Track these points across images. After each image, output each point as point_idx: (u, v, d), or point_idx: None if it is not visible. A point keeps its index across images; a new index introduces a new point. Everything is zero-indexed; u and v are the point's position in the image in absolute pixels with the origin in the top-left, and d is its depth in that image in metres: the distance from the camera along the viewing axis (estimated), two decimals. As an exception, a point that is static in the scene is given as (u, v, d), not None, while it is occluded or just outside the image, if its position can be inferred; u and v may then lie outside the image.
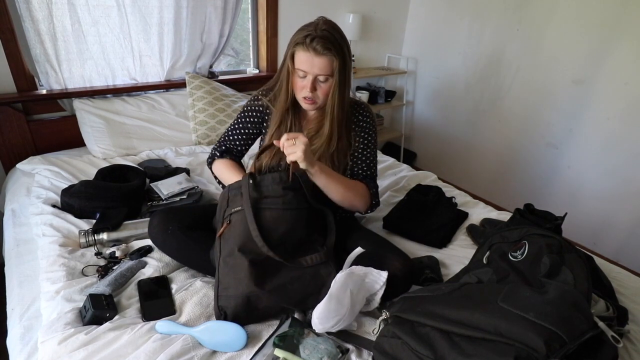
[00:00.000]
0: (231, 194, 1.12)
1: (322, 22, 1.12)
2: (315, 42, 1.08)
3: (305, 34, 1.10)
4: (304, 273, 1.05)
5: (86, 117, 1.86)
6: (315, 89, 1.15)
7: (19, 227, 1.40)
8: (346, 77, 1.17)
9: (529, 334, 0.70)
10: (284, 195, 1.08)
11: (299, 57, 1.13)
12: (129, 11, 1.91)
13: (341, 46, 1.12)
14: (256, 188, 1.08)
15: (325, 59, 1.10)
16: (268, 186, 1.09)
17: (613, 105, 2.12)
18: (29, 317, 1.04)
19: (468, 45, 2.74)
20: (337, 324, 0.94)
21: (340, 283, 0.94)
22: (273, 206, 1.07)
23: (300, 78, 1.16)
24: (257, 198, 1.07)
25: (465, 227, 1.54)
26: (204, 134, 2.07)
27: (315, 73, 1.12)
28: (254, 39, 2.52)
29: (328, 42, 1.09)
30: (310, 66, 1.11)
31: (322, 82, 1.15)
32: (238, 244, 1.05)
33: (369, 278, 0.99)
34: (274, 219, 1.06)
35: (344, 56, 1.13)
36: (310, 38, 1.09)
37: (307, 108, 1.23)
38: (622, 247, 2.25)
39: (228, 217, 1.09)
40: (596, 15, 2.09)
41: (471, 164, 2.95)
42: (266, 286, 1.01)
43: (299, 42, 1.11)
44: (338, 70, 1.12)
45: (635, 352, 1.00)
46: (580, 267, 0.95)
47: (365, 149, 1.29)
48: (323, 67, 1.11)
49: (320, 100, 1.18)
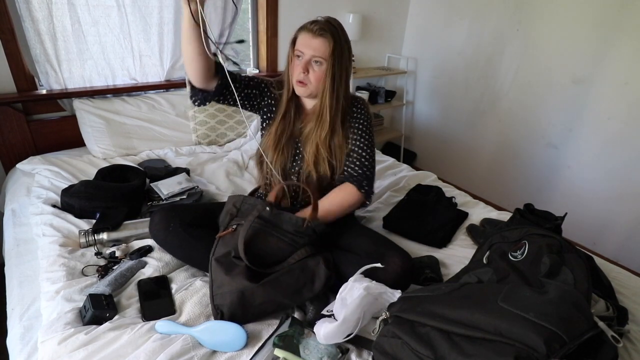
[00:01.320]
0: (243, 207, 1.16)
1: (326, 16, 1.21)
2: (315, 24, 1.16)
3: (309, 21, 1.18)
4: (292, 267, 1.09)
5: (86, 117, 1.86)
6: (307, 71, 1.19)
7: (19, 227, 1.40)
8: (341, 67, 1.21)
9: (529, 334, 0.70)
10: (295, 234, 1.13)
11: (299, 40, 1.20)
12: (129, 11, 1.91)
13: (339, 35, 1.19)
14: (273, 217, 1.13)
15: (321, 40, 1.16)
16: (283, 222, 1.13)
17: (613, 105, 2.12)
18: (29, 317, 1.04)
19: (468, 45, 2.74)
20: (341, 339, 0.93)
21: (355, 306, 0.92)
22: (281, 236, 1.13)
23: (297, 60, 1.21)
24: (272, 224, 1.12)
25: (465, 227, 1.54)
26: (204, 134, 2.07)
27: (311, 54, 1.17)
28: (254, 39, 2.52)
29: (327, 26, 1.17)
30: (307, 46, 1.17)
31: (316, 65, 1.19)
32: (235, 252, 1.08)
33: (382, 297, 0.97)
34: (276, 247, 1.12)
35: (341, 45, 1.19)
36: (312, 22, 1.18)
37: (299, 93, 1.25)
38: (622, 247, 2.25)
39: (235, 225, 1.12)
40: (596, 15, 2.09)
41: (471, 163, 2.95)
42: (259, 280, 1.04)
43: (302, 27, 1.20)
44: (332, 55, 1.17)
45: (635, 352, 1.00)
46: (580, 267, 0.95)
47: (361, 146, 1.29)
48: (318, 48, 1.16)
49: (312, 86, 1.21)
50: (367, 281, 0.98)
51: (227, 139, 2.14)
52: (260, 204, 1.13)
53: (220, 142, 2.13)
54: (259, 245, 1.11)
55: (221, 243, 1.12)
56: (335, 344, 0.93)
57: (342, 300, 0.96)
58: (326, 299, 1.10)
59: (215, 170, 1.84)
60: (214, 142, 2.11)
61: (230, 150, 2.08)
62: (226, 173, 1.81)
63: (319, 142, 1.26)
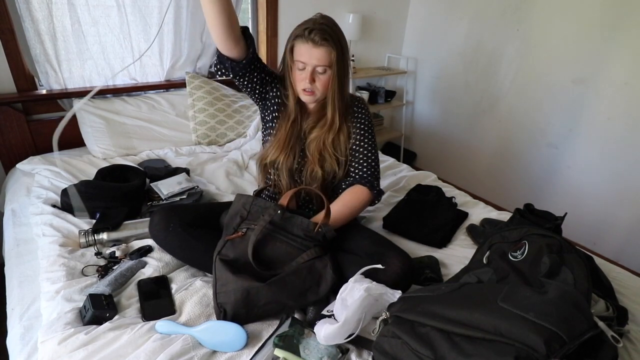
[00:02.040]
0: (253, 209, 1.14)
1: (320, 17, 1.17)
2: (314, 33, 1.12)
3: (304, 27, 1.13)
4: (300, 267, 1.08)
5: (86, 117, 1.86)
6: (314, 81, 1.18)
7: (19, 227, 1.40)
8: (344, 69, 1.20)
9: (529, 334, 0.70)
10: (304, 239, 1.12)
11: (298, 50, 1.16)
12: (129, 11, 1.91)
13: (339, 38, 1.16)
14: (283, 221, 1.12)
15: (323, 49, 1.13)
16: (293, 225, 1.12)
17: (613, 105, 2.12)
18: (29, 317, 1.04)
19: (468, 45, 2.74)
20: (342, 340, 0.93)
21: (355, 307, 0.92)
22: (290, 241, 1.12)
23: (300, 70, 1.18)
24: (280, 227, 1.12)
25: (465, 227, 1.54)
26: (204, 134, 2.07)
27: (314, 64, 1.15)
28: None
29: (326, 33, 1.12)
30: (309, 57, 1.14)
31: (321, 73, 1.17)
32: (243, 258, 1.08)
33: (383, 298, 0.97)
34: (285, 252, 1.11)
35: (342, 48, 1.16)
36: (309, 30, 1.12)
37: (306, 100, 1.25)
38: (622, 247, 2.25)
39: (245, 228, 1.12)
40: (596, 15, 2.09)
41: (471, 163, 2.95)
42: (265, 279, 1.03)
43: (298, 34, 1.15)
44: (336, 61, 1.15)
45: (635, 352, 1.00)
46: (580, 267, 0.95)
47: (366, 147, 1.30)
48: (321, 58, 1.14)
49: (319, 92, 1.20)
50: (367, 282, 0.98)
51: (227, 139, 2.14)
52: (272, 208, 1.12)
53: (220, 142, 2.13)
54: (267, 250, 1.10)
55: (229, 245, 1.10)
56: (336, 344, 0.93)
57: (342, 301, 0.96)
58: (326, 299, 1.10)
59: (215, 170, 1.84)
60: (214, 142, 2.11)
61: (230, 150, 2.08)
62: (226, 173, 1.81)
63: (326, 142, 1.26)
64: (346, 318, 0.91)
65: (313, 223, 1.12)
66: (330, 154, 1.27)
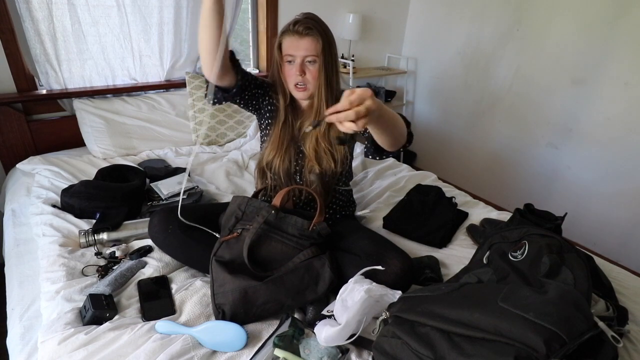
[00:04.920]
0: (248, 210, 1.15)
1: (303, 13, 1.20)
2: (298, 25, 1.16)
3: (288, 23, 1.17)
4: (297, 266, 1.09)
5: (86, 117, 1.86)
6: (304, 72, 1.19)
7: (19, 227, 1.40)
8: (332, 61, 1.21)
9: (529, 334, 0.70)
10: (299, 238, 1.13)
11: (285, 44, 1.19)
12: (129, 11, 1.91)
13: (324, 30, 1.18)
14: (278, 220, 1.13)
15: (309, 39, 1.16)
16: (288, 225, 1.13)
17: (613, 105, 2.12)
18: (29, 317, 1.05)
19: (468, 45, 2.74)
20: (343, 341, 0.93)
21: (356, 309, 0.92)
22: (285, 240, 1.13)
23: (289, 64, 1.20)
24: (276, 227, 1.12)
25: (465, 227, 1.54)
26: (204, 134, 2.07)
27: (302, 55, 1.17)
28: (254, 39, 2.52)
29: (310, 24, 1.15)
30: (296, 48, 1.17)
31: (310, 63, 1.19)
32: (239, 259, 1.08)
33: (383, 299, 0.97)
34: (280, 251, 1.12)
35: (328, 38, 1.19)
36: (293, 23, 1.17)
37: (299, 97, 1.25)
38: (622, 247, 2.25)
39: (240, 229, 1.12)
40: (596, 15, 2.09)
41: (471, 163, 2.95)
42: (262, 278, 1.04)
43: (283, 30, 1.19)
44: (322, 51, 1.17)
45: (635, 352, 1.00)
46: (580, 267, 0.95)
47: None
48: (308, 47, 1.16)
49: (311, 86, 1.21)
50: (367, 283, 0.98)
51: (227, 139, 2.14)
52: (266, 209, 1.13)
53: (220, 142, 2.13)
54: (263, 250, 1.11)
55: (225, 246, 1.11)
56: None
57: (342, 302, 0.96)
58: (326, 300, 1.10)
59: (215, 170, 1.84)
60: (214, 142, 2.11)
61: (230, 150, 2.08)
62: (226, 173, 1.81)
63: (319, 136, 1.26)
64: (347, 320, 0.90)
65: (306, 222, 1.13)
66: (325, 150, 1.27)
